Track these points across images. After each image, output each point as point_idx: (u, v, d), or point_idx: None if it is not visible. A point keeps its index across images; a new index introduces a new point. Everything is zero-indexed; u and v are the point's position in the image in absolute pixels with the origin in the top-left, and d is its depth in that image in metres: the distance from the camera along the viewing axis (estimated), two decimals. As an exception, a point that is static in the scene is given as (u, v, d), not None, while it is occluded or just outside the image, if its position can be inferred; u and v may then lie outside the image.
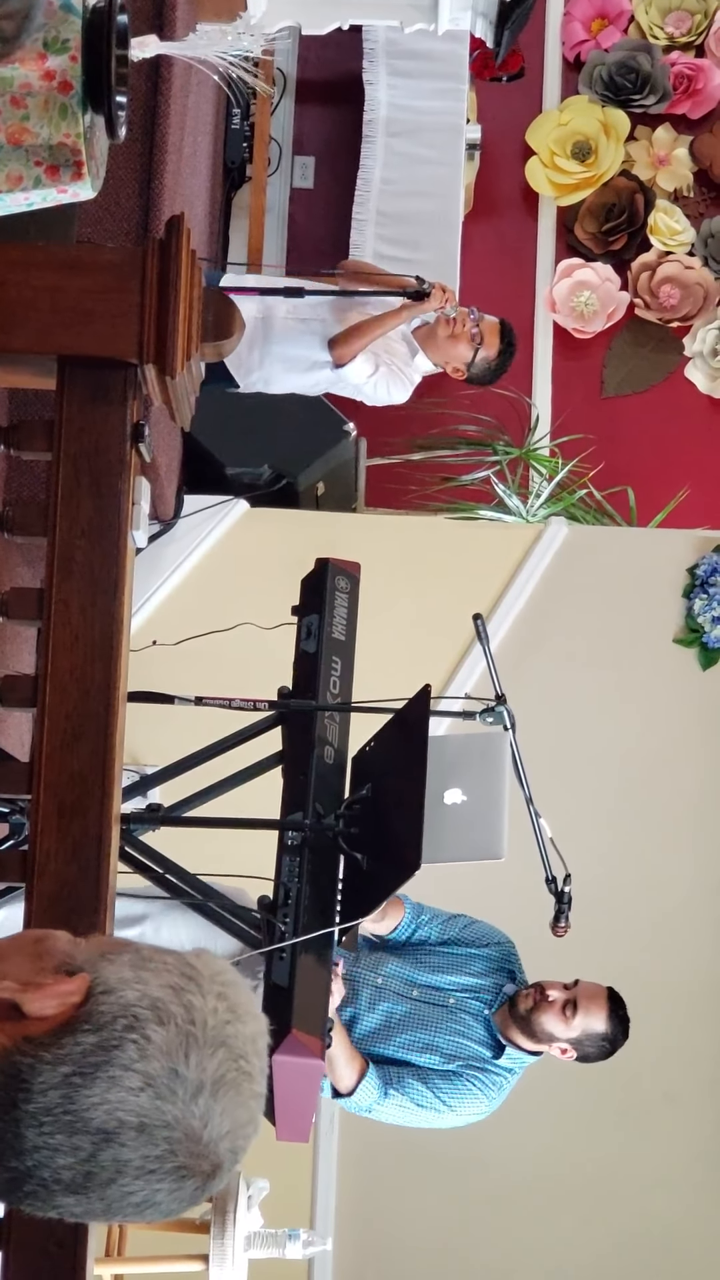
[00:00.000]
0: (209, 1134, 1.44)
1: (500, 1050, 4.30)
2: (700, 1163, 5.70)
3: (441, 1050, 4.28)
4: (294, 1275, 5.19)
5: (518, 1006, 4.28)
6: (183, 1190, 1.45)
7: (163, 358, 3.39)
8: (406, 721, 4.00)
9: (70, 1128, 1.42)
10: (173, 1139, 1.43)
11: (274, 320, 5.59)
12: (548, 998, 4.26)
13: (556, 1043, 4.27)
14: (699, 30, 7.83)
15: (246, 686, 4.25)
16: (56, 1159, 1.42)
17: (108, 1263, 4.52)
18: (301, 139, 7.76)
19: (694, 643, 6.04)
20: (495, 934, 4.50)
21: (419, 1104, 4.22)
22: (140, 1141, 1.42)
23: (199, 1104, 1.44)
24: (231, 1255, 4.18)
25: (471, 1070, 4.27)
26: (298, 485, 6.45)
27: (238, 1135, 1.46)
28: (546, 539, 6.19)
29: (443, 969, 4.40)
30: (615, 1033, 4.29)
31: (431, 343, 5.71)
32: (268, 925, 3.81)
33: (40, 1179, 1.43)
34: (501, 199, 7.86)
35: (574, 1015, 4.24)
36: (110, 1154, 1.42)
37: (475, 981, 4.39)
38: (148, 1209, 1.45)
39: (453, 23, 5.97)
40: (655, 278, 7.60)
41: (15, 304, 3.41)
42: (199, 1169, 1.44)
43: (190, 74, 5.45)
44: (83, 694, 3.38)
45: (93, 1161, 1.42)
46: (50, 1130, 1.42)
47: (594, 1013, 4.26)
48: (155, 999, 1.45)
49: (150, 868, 3.97)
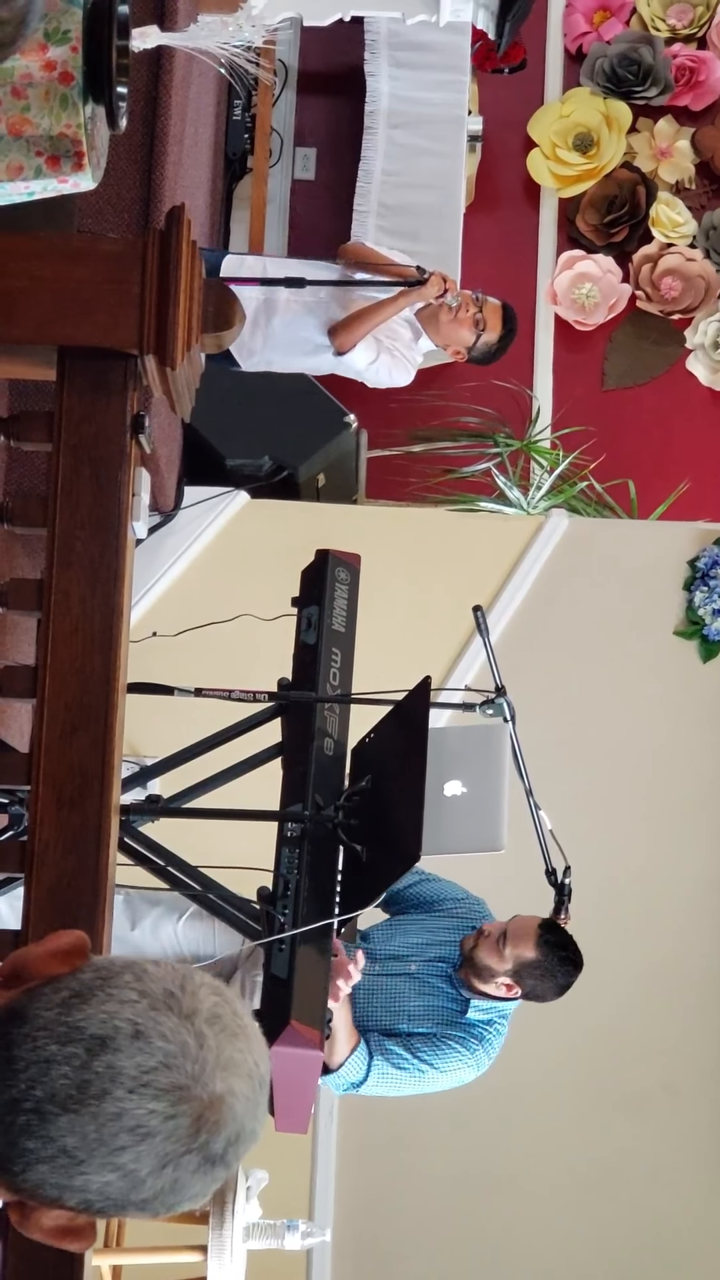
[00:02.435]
0: (205, 1056, 1.43)
1: (467, 1005, 4.28)
2: (700, 1154, 5.70)
3: (411, 1015, 4.26)
4: (293, 1266, 5.20)
5: (464, 949, 4.28)
6: (178, 1122, 1.42)
7: (163, 348, 3.39)
8: (406, 713, 4.00)
9: (64, 1038, 1.42)
10: (169, 1051, 1.42)
11: (276, 303, 5.60)
12: (484, 933, 4.25)
13: (498, 978, 4.21)
14: (701, 22, 7.82)
15: (246, 678, 4.25)
16: (51, 1071, 1.42)
17: (106, 1254, 4.53)
18: (303, 130, 7.75)
19: (694, 635, 6.04)
20: (453, 890, 4.46)
21: (400, 1067, 4.18)
22: (135, 1048, 1.42)
23: (195, 1023, 1.44)
24: (230, 1246, 4.19)
25: (446, 1028, 4.25)
26: (298, 477, 6.45)
27: (236, 1076, 1.45)
28: (547, 531, 6.19)
29: (396, 936, 4.37)
30: (549, 959, 4.20)
31: (434, 325, 5.73)
32: (267, 917, 3.81)
33: (35, 1100, 1.42)
34: (503, 191, 7.85)
35: (505, 946, 4.20)
36: (105, 1060, 1.41)
37: (430, 940, 4.36)
38: (142, 1140, 1.41)
39: (454, 14, 5.96)
40: (657, 270, 7.59)
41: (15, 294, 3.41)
42: (195, 1094, 1.43)
43: (191, 65, 5.44)
44: (82, 685, 3.38)
45: (87, 1069, 1.41)
46: (44, 1042, 1.43)
47: (523, 942, 4.19)
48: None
49: (149, 859, 3.97)
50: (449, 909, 4.43)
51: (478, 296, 5.70)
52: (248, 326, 5.41)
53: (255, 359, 5.67)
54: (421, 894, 4.44)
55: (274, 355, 5.67)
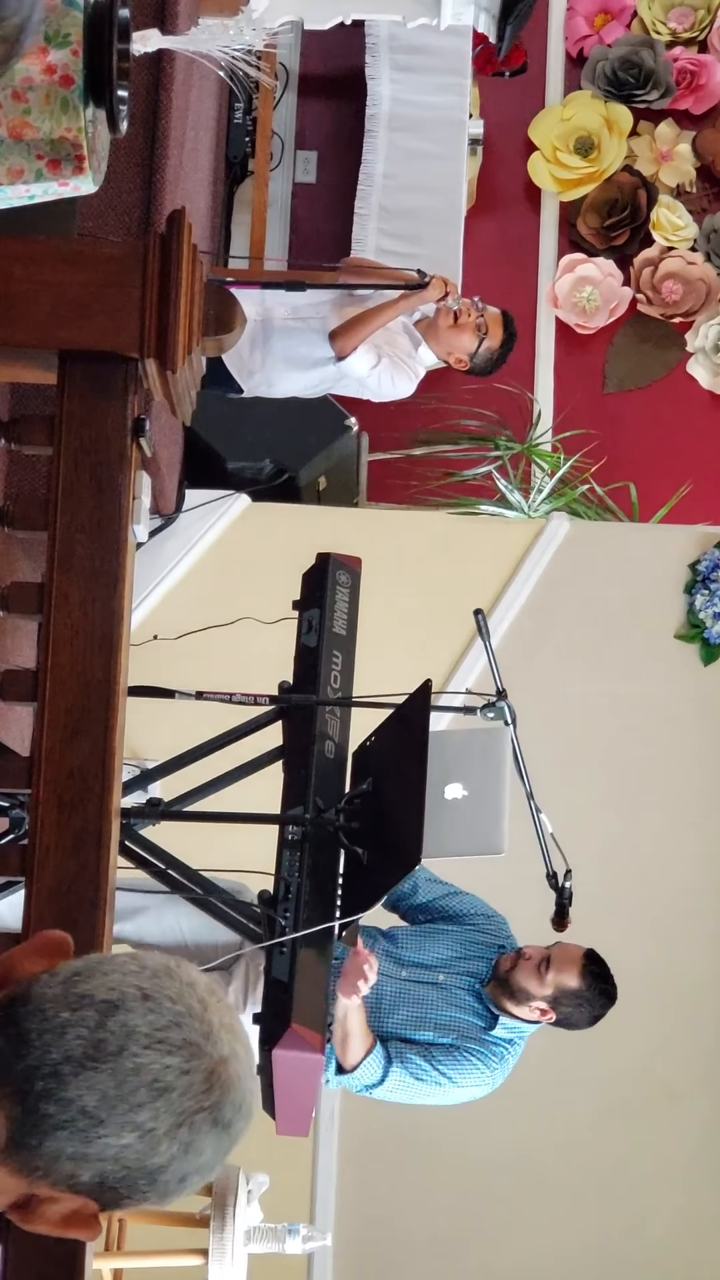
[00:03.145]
0: (210, 1016, 1.48)
1: (494, 1021, 4.30)
2: (702, 1158, 5.70)
3: (436, 1025, 4.28)
4: (294, 1270, 5.19)
5: (499, 969, 4.29)
6: (193, 1077, 1.46)
7: (164, 352, 3.39)
8: (407, 716, 4.00)
9: (75, 1005, 1.46)
10: (178, 1012, 1.47)
11: (274, 320, 5.58)
12: (524, 955, 4.27)
13: (534, 1001, 4.25)
14: (702, 26, 7.83)
15: (247, 681, 4.25)
16: (66, 1034, 1.45)
17: (107, 1257, 4.52)
18: (304, 133, 7.76)
19: (695, 638, 6.04)
20: (480, 906, 4.49)
21: (419, 1078, 4.21)
22: (146, 1009, 1.46)
23: (196, 991, 1.49)
24: (231, 1250, 4.19)
25: (468, 1042, 4.27)
26: (299, 480, 6.45)
27: (237, 1041, 1.50)
28: (548, 534, 6.19)
29: (425, 947, 4.39)
30: (590, 990, 4.26)
31: (434, 334, 5.70)
32: (268, 920, 3.81)
33: (51, 1064, 1.45)
34: (504, 194, 7.86)
35: (548, 971, 4.23)
36: (118, 1020, 1.45)
37: (460, 954, 4.38)
38: (160, 1096, 1.44)
39: (455, 17, 5.96)
40: (658, 273, 7.60)
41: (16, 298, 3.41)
42: (206, 1051, 1.47)
43: (192, 68, 5.44)
44: (83, 688, 3.38)
45: (102, 1029, 1.45)
46: (54, 1011, 1.46)
47: (567, 969, 4.24)
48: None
49: (150, 862, 3.97)
50: (479, 924, 4.46)
51: (478, 303, 5.68)
52: (246, 344, 5.41)
53: (256, 379, 5.64)
54: (450, 906, 4.47)
55: (274, 374, 5.63)
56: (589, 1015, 4.31)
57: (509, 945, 4.42)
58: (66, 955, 1.53)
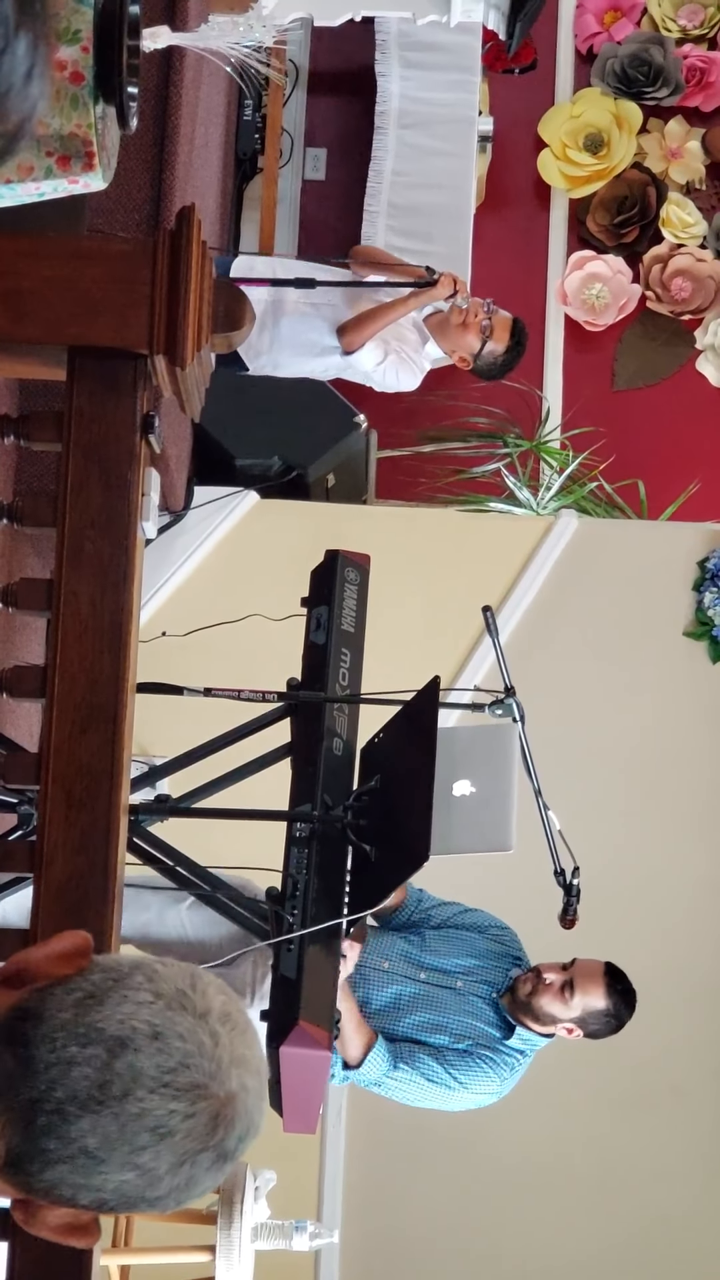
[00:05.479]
0: (220, 1053, 1.46)
1: (510, 1031, 4.30)
2: (707, 1155, 5.70)
3: (451, 1030, 4.28)
4: (301, 1267, 5.20)
5: (518, 992, 4.29)
6: (196, 1120, 1.44)
7: (173, 349, 3.39)
8: (415, 713, 4.00)
9: (84, 1039, 1.44)
10: (186, 1051, 1.45)
11: (285, 304, 5.59)
12: (544, 980, 4.26)
13: (560, 1023, 4.27)
14: (712, 23, 7.82)
15: (255, 678, 4.24)
16: (72, 1071, 1.44)
17: (114, 1254, 4.53)
18: (313, 130, 7.76)
19: (704, 636, 6.04)
20: (493, 919, 4.50)
21: (430, 1079, 4.21)
22: (154, 1049, 1.44)
23: (209, 1022, 1.47)
24: (238, 1247, 4.19)
25: (482, 1049, 4.27)
26: (308, 477, 6.44)
27: (246, 1073, 1.48)
28: (557, 532, 6.19)
29: (446, 952, 4.40)
30: (618, 1007, 4.28)
31: (442, 331, 5.70)
32: (276, 917, 3.81)
33: (56, 1101, 1.43)
34: (513, 191, 7.85)
35: (573, 996, 4.23)
36: (126, 1060, 1.43)
37: (479, 963, 4.39)
38: (162, 1140, 1.44)
39: (465, 14, 5.96)
40: (667, 270, 7.59)
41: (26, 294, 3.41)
42: (212, 1092, 1.45)
43: (202, 65, 5.44)
44: (91, 685, 3.38)
45: (108, 1069, 1.43)
46: (64, 1043, 1.44)
47: (592, 990, 4.25)
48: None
49: (158, 859, 3.97)
50: (495, 935, 4.47)
51: (489, 306, 5.67)
52: (255, 327, 5.41)
53: (262, 360, 5.65)
54: (464, 922, 4.48)
55: (281, 357, 5.65)
56: (614, 1027, 4.32)
57: (523, 958, 4.42)
58: (86, 957, 1.50)
